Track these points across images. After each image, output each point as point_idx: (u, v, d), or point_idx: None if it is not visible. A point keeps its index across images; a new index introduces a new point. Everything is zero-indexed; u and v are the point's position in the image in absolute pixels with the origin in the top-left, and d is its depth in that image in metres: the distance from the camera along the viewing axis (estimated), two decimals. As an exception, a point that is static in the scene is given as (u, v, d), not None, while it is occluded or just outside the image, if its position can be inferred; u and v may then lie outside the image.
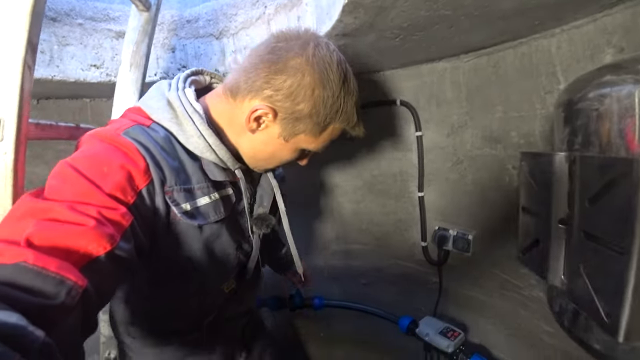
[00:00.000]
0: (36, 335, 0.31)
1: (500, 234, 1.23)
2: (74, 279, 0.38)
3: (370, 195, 1.50)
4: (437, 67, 1.26)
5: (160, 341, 0.80)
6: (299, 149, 0.71)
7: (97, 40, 1.13)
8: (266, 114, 0.64)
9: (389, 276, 1.53)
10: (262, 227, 0.80)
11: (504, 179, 1.18)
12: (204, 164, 0.66)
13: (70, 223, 0.43)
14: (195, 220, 0.63)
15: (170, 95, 0.65)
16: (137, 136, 0.57)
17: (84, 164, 0.50)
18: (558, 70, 0.98)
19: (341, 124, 0.69)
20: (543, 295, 1.14)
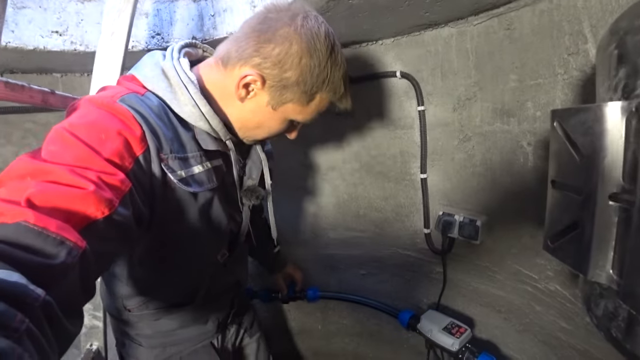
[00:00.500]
0: (37, 294, 0.31)
1: (512, 220, 1.10)
2: (73, 240, 0.38)
3: (369, 177, 1.38)
4: (442, 34, 1.12)
5: (156, 312, 0.84)
6: (288, 119, 0.72)
7: (59, 4, 1.01)
8: (255, 81, 0.65)
9: (388, 266, 1.42)
10: (251, 199, 0.82)
11: (518, 157, 1.05)
12: (196, 133, 0.68)
13: (70, 186, 0.43)
14: (191, 187, 0.65)
15: (165, 64, 0.66)
16: (133, 104, 0.58)
17: (82, 130, 0.51)
18: (585, 27, 0.84)
19: (328, 93, 0.69)
20: (561, 289, 1.01)
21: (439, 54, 1.15)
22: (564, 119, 0.55)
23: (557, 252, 0.59)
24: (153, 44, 1.08)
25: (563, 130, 0.56)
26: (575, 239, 0.54)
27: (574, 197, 0.54)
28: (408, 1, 0.92)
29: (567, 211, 0.57)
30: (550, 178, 0.61)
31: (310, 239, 1.55)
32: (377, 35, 1.17)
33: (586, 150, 0.50)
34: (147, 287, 0.81)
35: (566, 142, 0.55)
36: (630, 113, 0.44)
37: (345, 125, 1.35)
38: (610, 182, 0.47)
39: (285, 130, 0.76)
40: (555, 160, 0.60)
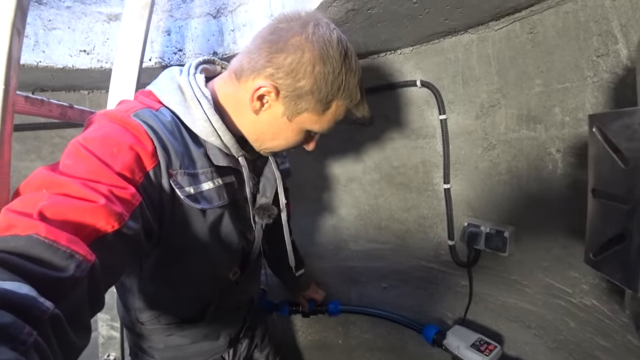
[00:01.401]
0: (46, 307, 0.32)
1: (542, 230, 1.05)
2: (83, 253, 0.39)
3: (390, 188, 1.35)
4: (462, 40, 1.10)
5: (168, 327, 0.83)
6: (304, 129, 0.70)
7: (87, 24, 1.06)
8: (269, 92, 0.64)
9: (411, 279, 1.37)
10: (264, 217, 0.81)
11: (547, 165, 1.00)
12: (208, 149, 0.68)
13: (81, 199, 0.44)
14: (199, 204, 0.65)
15: (181, 79, 0.67)
16: (146, 119, 0.58)
17: (95, 144, 0.51)
18: (615, 26, 0.81)
19: (344, 101, 0.67)
20: (599, 304, 0.95)
21: (459, 61, 1.13)
22: (604, 124, 0.52)
23: (602, 266, 0.55)
24: (175, 60, 1.11)
25: (603, 135, 0.53)
26: (622, 252, 0.50)
27: (619, 207, 0.50)
28: (427, 9, 0.91)
29: (611, 222, 0.53)
30: (590, 186, 0.57)
31: (331, 252, 1.53)
32: (395, 45, 1.16)
33: (631, 156, 0.47)
34: (158, 302, 0.81)
35: (607, 148, 0.52)
36: None
37: (365, 136, 1.33)
38: None
39: (303, 141, 0.74)
40: (595, 168, 0.56)
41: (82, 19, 1.04)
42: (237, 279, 0.84)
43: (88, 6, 1.05)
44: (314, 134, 0.73)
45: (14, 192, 0.46)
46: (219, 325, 0.90)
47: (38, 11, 0.99)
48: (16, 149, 1.23)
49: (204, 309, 0.84)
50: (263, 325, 1.13)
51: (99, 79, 1.14)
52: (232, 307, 0.92)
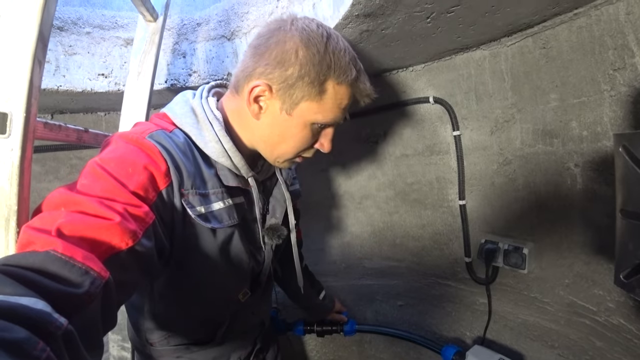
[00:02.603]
0: (60, 322, 0.32)
1: (563, 246, 1.03)
2: (97, 270, 0.39)
3: (405, 205, 1.34)
4: (474, 56, 1.11)
5: (177, 349, 0.82)
6: (308, 122, 0.67)
7: (105, 49, 1.08)
8: (263, 90, 0.64)
9: (428, 297, 1.35)
10: (273, 238, 0.80)
11: (565, 180, 0.99)
12: (218, 169, 0.69)
13: (97, 217, 0.45)
14: (210, 224, 0.65)
15: (194, 102, 0.69)
16: (160, 140, 0.60)
17: (111, 164, 0.53)
18: (631, 40, 0.81)
19: (338, 79, 0.64)
20: (625, 323, 0.92)
21: (471, 77, 1.13)
22: (632, 144, 0.51)
23: (633, 288, 0.53)
24: (190, 82, 1.13)
25: (631, 155, 0.52)
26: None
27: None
28: (441, 28, 0.92)
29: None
30: (618, 207, 0.56)
31: (345, 270, 1.51)
32: (407, 62, 1.17)
33: None
34: (167, 323, 0.80)
35: (636, 168, 0.51)
36: None
37: (379, 153, 1.33)
38: None
39: (313, 138, 0.71)
40: (624, 188, 0.55)
41: (101, 44, 1.07)
42: (247, 300, 0.83)
43: (107, 31, 1.08)
44: (321, 126, 0.69)
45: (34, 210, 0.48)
46: (229, 347, 0.89)
47: (59, 37, 1.02)
48: (35, 170, 1.25)
49: (213, 330, 0.83)
50: (275, 346, 1.11)
51: (115, 101, 1.16)
52: (243, 329, 0.91)
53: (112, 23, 1.09)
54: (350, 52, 0.67)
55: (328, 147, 0.73)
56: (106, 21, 1.09)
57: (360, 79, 0.67)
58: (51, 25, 0.58)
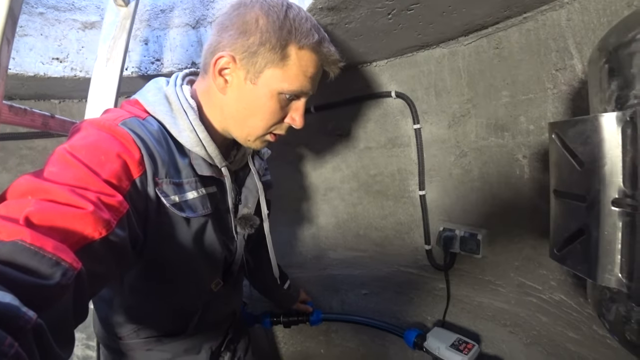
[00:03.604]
0: (29, 316, 0.30)
1: (513, 232, 1.11)
2: (69, 261, 0.38)
3: (368, 197, 1.39)
4: (434, 54, 1.17)
5: (148, 342, 0.81)
6: (275, 92, 0.67)
7: (61, 32, 1.03)
8: (227, 62, 0.65)
9: (391, 285, 1.40)
10: (246, 227, 0.81)
11: (514, 170, 1.07)
12: (192, 159, 0.68)
13: (69, 205, 0.43)
14: (184, 213, 0.65)
15: (168, 90, 0.68)
16: (133, 127, 0.59)
17: (82, 152, 0.51)
18: (570, 43, 0.89)
19: (299, 43, 0.65)
20: (566, 299, 1.01)
21: (432, 73, 1.19)
22: (562, 131, 0.58)
23: (565, 259, 0.60)
24: (152, 70, 1.10)
25: (562, 141, 0.58)
26: (582, 245, 0.55)
27: (577, 205, 0.55)
28: (402, 24, 0.96)
29: (571, 219, 0.58)
30: (552, 188, 0.62)
31: (311, 261, 1.54)
32: (371, 58, 1.21)
33: (586, 159, 0.52)
34: (138, 315, 0.79)
35: (565, 153, 0.57)
36: (625, 122, 0.47)
37: (343, 146, 1.37)
38: (612, 188, 0.49)
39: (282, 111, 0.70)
40: (556, 171, 0.61)
41: (56, 26, 1.01)
42: (219, 290, 0.83)
43: (62, 13, 1.02)
44: (289, 97, 0.69)
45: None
46: (201, 338, 0.89)
47: (8, 17, 0.95)
48: (-22, 161, 1.16)
49: (185, 321, 0.83)
50: (246, 337, 1.11)
51: (71, 88, 1.10)
52: (215, 319, 0.91)
53: (68, 4, 1.04)
54: (312, 20, 0.68)
55: (300, 122, 0.72)
56: (62, 2, 1.03)
57: (324, 43, 0.67)
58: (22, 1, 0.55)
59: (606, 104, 0.52)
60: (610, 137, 0.48)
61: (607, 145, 0.48)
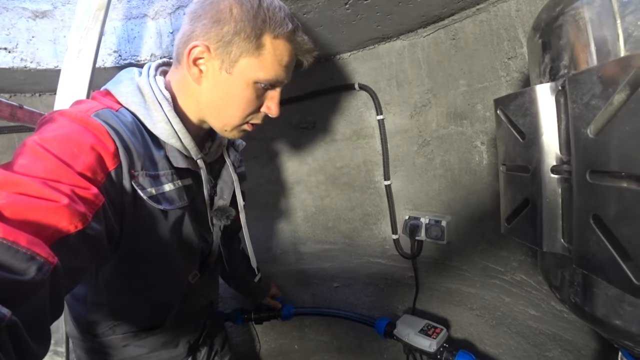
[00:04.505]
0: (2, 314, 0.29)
1: (475, 217, 1.15)
2: (44, 255, 0.36)
3: (335, 189, 1.39)
4: (395, 46, 1.19)
5: (125, 338, 0.79)
6: (250, 81, 0.66)
7: (9, 20, 0.98)
8: (201, 52, 0.64)
9: (361, 276, 1.41)
10: (222, 219, 0.81)
11: (474, 157, 1.11)
12: (168, 151, 0.68)
13: (42, 198, 0.42)
14: (161, 205, 0.64)
15: (141, 81, 0.66)
16: (107, 119, 0.57)
17: (54, 144, 0.49)
18: (520, 33, 0.93)
19: (274, 32, 0.65)
20: (526, 278, 1.05)
21: (393, 65, 1.22)
22: (505, 106, 0.60)
23: (514, 231, 0.62)
24: (110, 62, 1.06)
25: (505, 115, 0.60)
26: (528, 215, 0.57)
27: (522, 176, 0.57)
28: (360, 15, 0.98)
29: (517, 190, 0.60)
30: (500, 162, 0.65)
31: (280, 255, 1.52)
32: (334, 50, 1.22)
33: (527, 130, 0.55)
34: (114, 311, 0.77)
35: (509, 126, 0.59)
36: (558, 92, 0.49)
37: (309, 139, 1.37)
38: (550, 156, 0.51)
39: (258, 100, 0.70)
40: (503, 145, 0.64)
41: (3, 14, 0.96)
42: (196, 282, 0.83)
43: (10, 1, 0.97)
44: (265, 86, 0.69)
45: None
46: (178, 332, 0.87)
47: (-52, 5, 0.90)
48: None
49: (163, 315, 0.81)
50: (223, 332, 1.10)
51: (22, 81, 1.05)
52: (192, 312, 0.90)
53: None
54: (286, 9, 0.68)
55: (276, 111, 0.72)
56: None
57: (298, 32, 0.68)
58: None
59: (542, 77, 0.54)
60: (546, 107, 0.50)
61: (544, 115, 0.51)
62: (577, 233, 0.47)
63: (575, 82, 0.44)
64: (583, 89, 0.42)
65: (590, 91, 0.41)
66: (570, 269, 0.53)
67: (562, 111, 0.49)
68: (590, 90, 0.41)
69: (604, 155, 0.41)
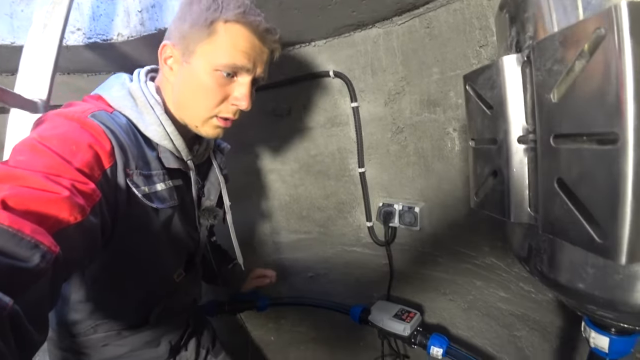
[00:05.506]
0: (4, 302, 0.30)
1: (447, 203, 1.17)
2: (47, 244, 0.37)
3: (309, 177, 1.39)
4: (371, 34, 1.20)
5: (106, 337, 0.80)
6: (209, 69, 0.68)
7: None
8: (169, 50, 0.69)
9: (336, 265, 1.41)
10: (209, 219, 0.85)
11: (446, 143, 1.13)
12: (160, 152, 0.71)
13: (45, 190, 0.43)
14: (153, 203, 0.68)
15: (132, 86, 0.70)
16: (103, 120, 0.60)
17: (53, 141, 0.52)
18: (491, 22, 0.95)
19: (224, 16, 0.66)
20: (497, 261, 1.08)
21: (368, 53, 1.22)
22: (473, 80, 0.61)
23: (483, 204, 0.63)
24: (74, 40, 1.02)
25: (473, 90, 0.61)
26: (497, 187, 0.58)
27: (490, 149, 0.59)
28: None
29: (486, 164, 0.61)
30: (469, 138, 0.66)
31: (255, 246, 1.50)
32: (309, 37, 1.21)
33: (494, 102, 0.56)
34: (99, 309, 0.78)
35: (478, 101, 0.60)
36: (523, 63, 0.51)
37: (283, 127, 1.36)
38: (517, 126, 0.52)
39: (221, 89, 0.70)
40: (472, 121, 0.65)
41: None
42: (181, 281, 0.85)
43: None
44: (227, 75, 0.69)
45: None
46: (161, 331, 0.88)
47: None
48: None
49: (148, 313, 0.82)
50: (210, 329, 1.10)
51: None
52: (176, 310, 0.91)
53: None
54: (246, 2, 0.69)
55: (245, 102, 0.72)
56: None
57: (249, 13, 0.67)
58: None
59: (509, 50, 0.56)
60: (512, 79, 0.52)
61: (510, 86, 0.52)
62: (542, 199, 0.48)
63: (539, 49, 0.45)
64: (546, 55, 0.43)
65: (552, 57, 0.42)
66: (536, 238, 0.55)
67: (528, 81, 0.50)
68: (552, 56, 0.42)
69: (566, 119, 0.42)
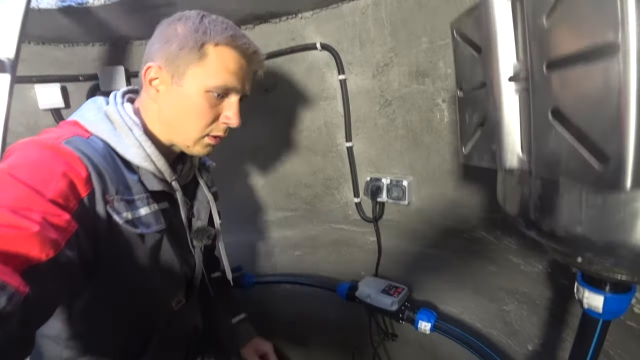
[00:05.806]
0: None
1: (436, 176, 1.15)
2: (15, 284, 0.36)
3: (295, 153, 1.35)
4: (359, 5, 1.16)
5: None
6: (201, 91, 0.68)
7: None
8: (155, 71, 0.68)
9: (323, 244, 1.39)
10: (202, 240, 0.81)
11: (435, 115, 1.11)
12: (142, 175, 0.69)
13: (11, 227, 0.41)
14: (137, 229, 0.64)
15: (109, 109, 0.68)
16: (78, 145, 0.58)
17: (23, 171, 0.49)
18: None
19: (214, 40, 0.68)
20: (486, 234, 1.07)
21: (356, 24, 1.19)
22: (461, 24, 0.59)
23: (472, 155, 0.60)
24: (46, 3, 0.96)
25: (461, 35, 0.59)
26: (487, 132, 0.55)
27: (479, 94, 0.56)
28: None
29: (474, 111, 0.59)
30: (457, 88, 0.64)
31: (241, 224, 1.46)
32: (296, 7, 1.18)
33: (483, 43, 0.53)
34: (91, 345, 0.73)
35: (466, 45, 0.58)
36: None
37: (269, 102, 1.32)
38: (507, 65, 0.50)
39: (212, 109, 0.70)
40: (460, 69, 0.62)
41: None
42: (180, 308, 0.81)
43: None
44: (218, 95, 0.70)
45: None
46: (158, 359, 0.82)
47: None
48: None
49: (144, 345, 0.77)
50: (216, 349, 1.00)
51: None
52: (175, 338, 0.86)
53: None
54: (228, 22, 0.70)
55: (236, 121, 0.73)
56: None
57: (238, 36, 0.69)
58: None
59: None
60: (501, 15, 0.49)
61: (499, 23, 0.49)
62: (536, 135, 0.46)
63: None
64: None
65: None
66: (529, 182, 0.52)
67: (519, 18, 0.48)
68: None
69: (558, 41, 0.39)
